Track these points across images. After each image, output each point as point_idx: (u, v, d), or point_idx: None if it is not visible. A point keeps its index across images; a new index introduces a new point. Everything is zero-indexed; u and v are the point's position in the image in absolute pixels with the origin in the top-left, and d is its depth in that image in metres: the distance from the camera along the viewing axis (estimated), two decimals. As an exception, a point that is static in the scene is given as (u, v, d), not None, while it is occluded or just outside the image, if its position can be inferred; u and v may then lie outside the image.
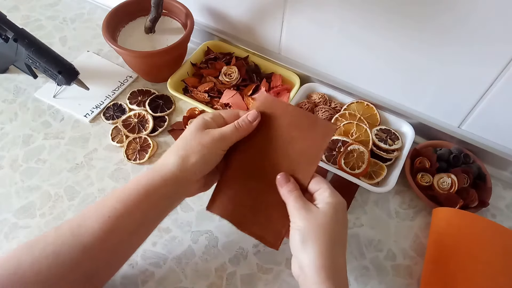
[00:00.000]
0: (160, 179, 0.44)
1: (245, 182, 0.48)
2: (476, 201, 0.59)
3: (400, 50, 0.60)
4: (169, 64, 0.73)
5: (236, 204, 0.48)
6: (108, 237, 0.42)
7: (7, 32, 0.67)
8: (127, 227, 0.43)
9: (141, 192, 0.43)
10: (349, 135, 0.65)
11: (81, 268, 0.41)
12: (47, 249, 0.40)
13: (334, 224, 0.42)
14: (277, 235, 0.47)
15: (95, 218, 0.42)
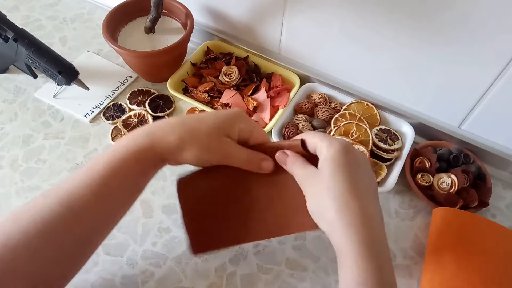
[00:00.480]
0: (153, 155, 0.42)
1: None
2: (476, 201, 0.59)
3: (400, 50, 0.60)
4: (169, 64, 0.73)
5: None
6: (97, 203, 0.40)
7: (7, 32, 0.67)
8: (119, 195, 0.42)
9: (129, 163, 0.41)
10: (349, 135, 0.65)
11: (73, 235, 0.40)
12: (36, 218, 0.39)
13: (341, 176, 0.38)
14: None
15: (84, 183, 0.40)
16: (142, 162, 0.42)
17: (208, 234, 0.47)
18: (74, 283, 0.53)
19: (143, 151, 0.41)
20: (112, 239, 0.57)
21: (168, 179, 0.64)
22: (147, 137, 0.42)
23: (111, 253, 0.56)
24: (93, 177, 0.40)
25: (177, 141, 0.41)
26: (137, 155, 0.41)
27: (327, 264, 0.56)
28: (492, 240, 0.54)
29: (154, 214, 0.60)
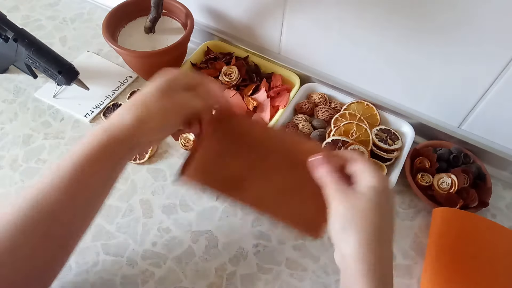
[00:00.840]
0: (115, 141, 0.40)
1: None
2: (476, 201, 0.59)
3: (400, 50, 0.60)
4: (169, 64, 0.73)
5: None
6: (69, 202, 0.39)
7: (7, 32, 0.67)
8: (90, 191, 0.40)
9: (97, 155, 0.39)
10: (349, 135, 0.65)
11: (49, 238, 0.39)
12: (10, 228, 0.37)
13: (379, 210, 0.38)
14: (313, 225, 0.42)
15: (54, 184, 0.39)
16: (107, 154, 0.40)
17: (207, 169, 0.44)
18: (74, 283, 0.53)
19: (106, 144, 0.40)
20: (112, 239, 0.57)
21: (168, 179, 0.64)
22: (106, 129, 0.41)
23: (111, 253, 0.56)
24: (60, 177, 0.39)
25: (132, 118, 0.40)
26: (102, 148, 0.40)
27: (327, 264, 0.56)
28: (492, 240, 0.54)
29: (154, 214, 0.60)
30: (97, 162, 0.40)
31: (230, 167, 0.44)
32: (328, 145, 0.64)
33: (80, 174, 0.39)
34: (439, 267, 0.52)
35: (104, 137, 0.40)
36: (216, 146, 0.45)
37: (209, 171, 0.44)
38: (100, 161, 0.40)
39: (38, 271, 0.39)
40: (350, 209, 0.38)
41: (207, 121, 0.45)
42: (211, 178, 0.43)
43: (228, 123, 0.45)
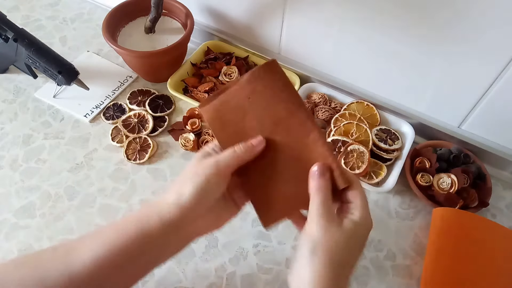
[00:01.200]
0: (156, 217, 0.39)
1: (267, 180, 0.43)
2: (476, 201, 0.59)
3: (401, 50, 0.60)
4: (169, 64, 0.73)
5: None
6: (98, 269, 0.38)
7: (7, 32, 0.67)
8: (119, 261, 0.38)
9: (137, 229, 0.39)
10: (349, 135, 0.65)
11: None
12: (35, 274, 0.37)
13: (352, 246, 0.38)
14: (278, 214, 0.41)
15: (89, 245, 0.38)
16: (148, 232, 0.39)
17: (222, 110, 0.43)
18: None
19: (150, 221, 0.39)
20: (112, 239, 0.57)
21: (169, 179, 0.64)
22: (153, 207, 0.40)
23: (111, 253, 0.56)
24: (101, 243, 0.38)
25: (173, 194, 0.40)
26: (143, 225, 0.39)
27: (327, 264, 0.56)
28: (492, 240, 0.54)
29: (154, 214, 0.60)
30: (132, 236, 0.38)
31: (243, 122, 0.43)
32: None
33: (114, 242, 0.38)
34: (439, 267, 0.52)
35: (142, 214, 0.39)
36: (242, 96, 0.43)
37: (222, 114, 0.43)
38: (134, 236, 0.38)
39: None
40: (327, 238, 0.37)
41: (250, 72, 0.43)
42: (221, 122, 0.43)
43: (267, 80, 0.42)
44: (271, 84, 0.42)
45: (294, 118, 0.41)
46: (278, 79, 0.42)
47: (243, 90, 0.42)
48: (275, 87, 0.42)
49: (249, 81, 0.42)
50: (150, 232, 0.39)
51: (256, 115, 0.42)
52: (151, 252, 0.40)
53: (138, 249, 0.39)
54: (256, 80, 0.42)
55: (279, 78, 0.42)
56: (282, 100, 0.41)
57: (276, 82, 0.42)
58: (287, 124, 0.41)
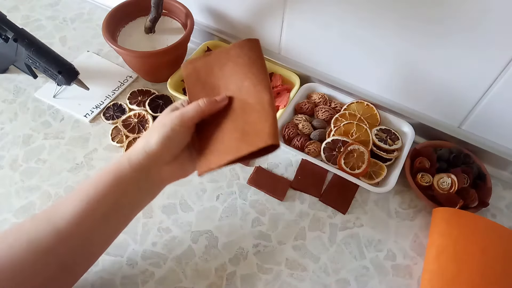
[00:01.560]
0: (127, 164, 0.43)
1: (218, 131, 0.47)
2: (476, 201, 0.59)
3: (400, 50, 0.60)
4: (169, 64, 0.73)
5: (217, 148, 0.46)
6: (81, 221, 0.41)
7: (7, 32, 0.67)
8: (100, 212, 0.42)
9: (111, 177, 0.43)
10: (349, 135, 0.65)
11: (56, 256, 0.40)
12: (22, 236, 0.40)
13: None
14: (262, 135, 0.43)
15: (70, 202, 0.41)
16: (120, 177, 0.43)
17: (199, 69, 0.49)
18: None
19: (119, 166, 0.43)
20: (112, 239, 0.57)
21: (168, 179, 0.64)
22: (121, 155, 0.45)
23: (111, 253, 0.56)
24: (77, 196, 0.42)
25: (142, 141, 0.45)
26: (115, 172, 0.43)
27: (327, 264, 0.56)
28: (492, 240, 0.54)
29: (154, 214, 0.60)
30: (107, 186, 0.42)
31: (213, 82, 0.49)
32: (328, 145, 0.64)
33: (92, 196, 0.42)
34: (439, 267, 0.52)
35: (116, 162, 0.44)
36: (221, 62, 0.49)
37: (198, 73, 0.49)
38: (109, 184, 0.43)
39: (41, 287, 0.40)
40: None
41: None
42: (196, 79, 0.49)
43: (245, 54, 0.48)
44: (247, 58, 0.47)
45: (255, 88, 0.46)
46: (255, 56, 0.48)
47: (223, 57, 0.48)
48: (249, 61, 0.47)
49: (230, 49, 0.48)
50: (122, 178, 0.43)
51: (225, 79, 0.48)
52: (126, 198, 0.44)
53: (114, 197, 0.43)
54: (236, 51, 0.48)
55: (256, 56, 0.48)
56: (251, 73, 0.47)
57: (251, 58, 0.47)
58: (247, 91, 0.46)
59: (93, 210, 0.42)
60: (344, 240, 0.58)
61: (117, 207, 0.43)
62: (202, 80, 0.49)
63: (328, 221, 0.60)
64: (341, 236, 0.59)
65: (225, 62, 0.48)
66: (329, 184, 0.63)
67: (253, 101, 0.46)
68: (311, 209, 0.61)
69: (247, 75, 0.47)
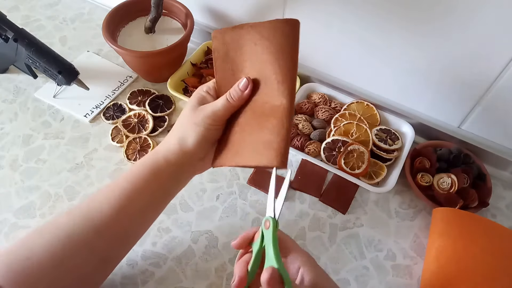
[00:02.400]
0: (164, 161, 0.45)
1: (237, 128, 0.46)
2: (476, 201, 0.59)
3: (400, 50, 0.60)
4: (169, 64, 0.73)
5: (234, 147, 0.45)
6: (119, 216, 0.42)
7: (7, 32, 0.67)
8: (137, 206, 0.44)
9: (147, 172, 0.44)
10: (349, 135, 0.65)
11: (95, 250, 0.41)
12: (59, 233, 0.40)
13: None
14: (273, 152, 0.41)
15: (105, 199, 0.43)
16: (153, 174, 0.44)
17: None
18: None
19: (155, 163, 0.45)
20: (112, 239, 0.57)
21: (168, 179, 0.64)
22: (154, 151, 0.46)
23: (111, 253, 0.56)
24: (113, 193, 0.43)
25: (175, 139, 0.45)
26: (150, 170, 0.44)
27: (327, 264, 0.56)
28: (492, 240, 0.54)
29: (154, 214, 0.60)
30: (143, 181, 0.44)
31: (240, 64, 0.47)
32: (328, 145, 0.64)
33: (129, 191, 0.43)
34: (439, 267, 0.52)
35: (151, 157, 0.45)
36: (251, 40, 0.45)
37: (227, 49, 0.47)
38: (146, 180, 0.44)
39: (80, 280, 0.41)
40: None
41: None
42: (224, 55, 0.47)
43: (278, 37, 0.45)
44: (278, 45, 0.43)
45: (278, 87, 0.43)
46: (287, 45, 0.43)
47: (255, 35, 0.44)
48: (279, 50, 0.43)
49: (264, 28, 0.44)
50: (159, 174, 0.45)
51: (252, 63, 0.45)
52: (162, 191, 0.46)
53: (150, 192, 0.44)
54: (269, 32, 0.44)
55: (288, 45, 0.44)
56: (278, 66, 0.43)
57: (283, 46, 0.43)
58: (270, 88, 0.44)
59: (130, 206, 0.43)
60: (344, 240, 0.58)
61: (153, 199, 0.45)
62: (230, 58, 0.47)
63: (328, 221, 0.60)
64: (341, 236, 0.59)
65: (256, 42, 0.45)
66: (329, 184, 0.63)
67: (272, 103, 0.44)
68: (311, 209, 0.61)
69: (274, 67, 0.43)
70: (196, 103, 0.46)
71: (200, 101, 0.46)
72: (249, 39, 0.45)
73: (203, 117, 0.44)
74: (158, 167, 0.45)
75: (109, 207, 0.42)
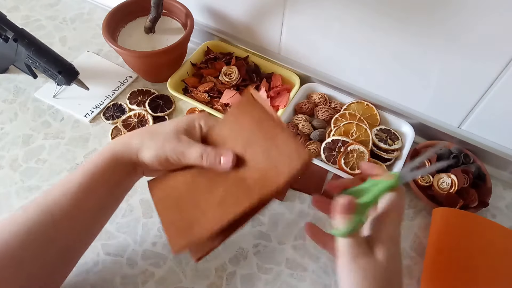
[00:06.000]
0: (122, 159, 0.43)
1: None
2: (476, 201, 0.59)
3: (400, 50, 0.60)
4: (169, 64, 0.73)
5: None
6: (77, 211, 0.42)
7: (7, 32, 0.67)
8: (95, 203, 0.43)
9: (104, 169, 0.43)
10: (349, 135, 0.65)
11: (54, 244, 0.41)
12: (19, 229, 0.40)
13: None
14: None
15: (63, 193, 0.42)
16: (113, 169, 0.44)
17: (187, 227, 0.40)
18: (74, 283, 0.53)
19: (113, 158, 0.44)
20: (112, 239, 0.57)
21: (168, 179, 0.64)
22: (114, 145, 0.45)
23: (111, 253, 0.56)
24: (69, 186, 0.42)
25: (138, 143, 0.44)
26: (109, 163, 0.43)
27: (327, 264, 0.56)
28: (492, 240, 0.54)
29: (154, 214, 0.60)
30: (101, 175, 0.43)
31: (198, 201, 0.42)
32: (328, 145, 0.64)
33: (86, 185, 0.42)
34: (439, 267, 0.52)
35: (109, 153, 0.44)
36: (173, 202, 0.44)
37: (190, 224, 0.41)
38: (104, 174, 0.43)
39: (40, 276, 0.41)
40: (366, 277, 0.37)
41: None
42: (198, 228, 0.41)
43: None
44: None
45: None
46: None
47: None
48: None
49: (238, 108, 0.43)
50: (117, 169, 0.44)
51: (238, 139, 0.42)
52: (119, 189, 0.46)
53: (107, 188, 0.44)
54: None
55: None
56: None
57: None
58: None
59: (87, 202, 0.43)
60: (344, 240, 0.58)
61: (110, 196, 0.46)
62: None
63: (328, 221, 0.60)
64: (341, 236, 0.59)
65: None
66: (329, 184, 0.63)
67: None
68: (311, 209, 0.61)
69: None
70: (183, 129, 0.44)
71: (188, 131, 0.44)
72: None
73: (174, 151, 0.42)
74: (117, 164, 0.43)
75: (67, 202, 0.41)
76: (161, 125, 0.45)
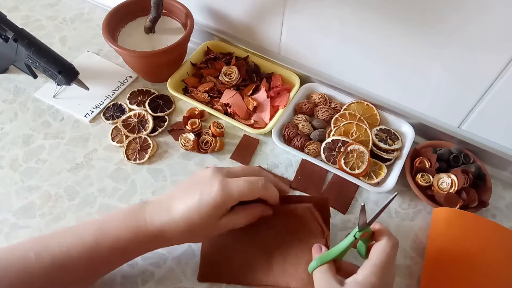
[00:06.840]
0: (150, 234, 0.46)
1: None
2: (476, 201, 0.59)
3: (400, 50, 0.60)
4: (169, 64, 0.73)
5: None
6: (90, 263, 0.45)
7: (7, 32, 0.67)
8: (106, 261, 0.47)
9: (121, 245, 0.45)
10: (349, 135, 0.65)
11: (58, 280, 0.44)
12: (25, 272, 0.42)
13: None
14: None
15: (78, 244, 0.44)
16: (137, 243, 0.46)
17: (217, 267, 0.53)
18: (74, 283, 0.53)
19: (140, 234, 0.46)
20: (112, 239, 0.57)
21: (169, 179, 0.64)
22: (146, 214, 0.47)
23: (111, 253, 0.56)
24: (83, 237, 0.45)
25: (177, 225, 0.46)
26: (134, 235, 0.46)
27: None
28: (492, 240, 0.54)
29: (154, 214, 0.60)
30: (125, 251, 0.46)
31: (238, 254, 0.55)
32: (328, 145, 0.64)
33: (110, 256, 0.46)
34: (439, 267, 0.52)
35: (143, 228, 0.46)
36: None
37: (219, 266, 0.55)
38: (127, 250, 0.47)
39: None
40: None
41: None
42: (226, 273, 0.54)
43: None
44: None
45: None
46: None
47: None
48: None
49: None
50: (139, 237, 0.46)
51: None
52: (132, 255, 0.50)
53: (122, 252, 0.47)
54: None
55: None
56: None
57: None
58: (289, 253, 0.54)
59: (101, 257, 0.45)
60: (344, 240, 0.58)
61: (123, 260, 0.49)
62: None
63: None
64: (341, 236, 0.59)
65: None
66: (329, 184, 0.63)
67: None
68: (311, 209, 0.61)
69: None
70: (223, 211, 0.47)
71: (227, 209, 0.47)
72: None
73: (219, 231, 0.48)
74: (137, 241, 0.46)
75: (82, 253, 0.44)
76: (201, 197, 0.46)
